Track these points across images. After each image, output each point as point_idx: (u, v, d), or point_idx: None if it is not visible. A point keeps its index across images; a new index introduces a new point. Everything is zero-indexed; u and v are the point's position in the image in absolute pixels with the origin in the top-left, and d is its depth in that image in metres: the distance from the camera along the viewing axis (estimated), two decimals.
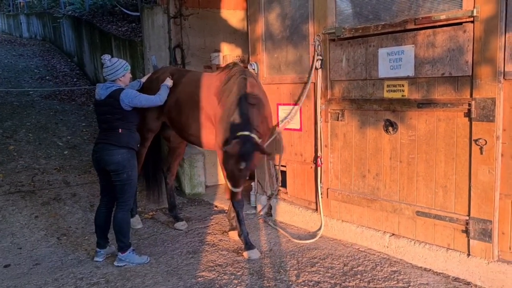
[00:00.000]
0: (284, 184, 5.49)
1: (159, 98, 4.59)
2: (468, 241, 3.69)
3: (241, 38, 7.89)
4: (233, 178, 4.25)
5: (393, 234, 4.26)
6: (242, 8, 7.89)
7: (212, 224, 5.48)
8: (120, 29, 10.08)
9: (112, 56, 4.40)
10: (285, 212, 5.42)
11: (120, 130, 4.25)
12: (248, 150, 4.05)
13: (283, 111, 5.30)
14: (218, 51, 7.72)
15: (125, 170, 4.25)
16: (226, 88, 4.53)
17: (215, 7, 7.71)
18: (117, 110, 4.23)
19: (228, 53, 7.79)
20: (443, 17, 3.61)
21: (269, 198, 5.66)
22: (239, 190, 4.34)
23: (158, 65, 7.46)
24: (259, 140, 4.23)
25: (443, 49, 3.67)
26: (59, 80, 12.61)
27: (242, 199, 4.61)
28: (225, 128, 4.36)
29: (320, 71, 4.70)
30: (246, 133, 4.14)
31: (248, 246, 4.47)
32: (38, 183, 6.55)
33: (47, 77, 12.81)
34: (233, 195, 4.43)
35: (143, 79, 5.29)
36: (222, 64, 7.59)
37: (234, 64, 4.82)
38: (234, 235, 4.92)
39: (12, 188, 6.28)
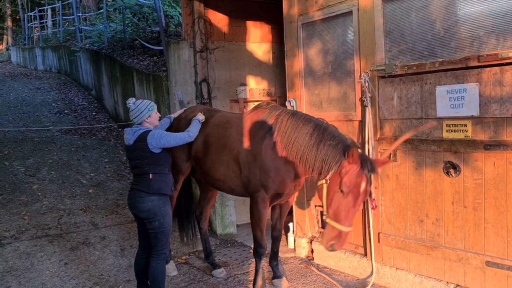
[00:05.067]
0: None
1: (188, 134, 4.28)
2: None
3: (267, 71, 7.75)
4: (346, 211, 3.43)
5: (458, 285, 3.93)
6: (268, 41, 7.78)
7: (251, 270, 5.18)
8: (141, 63, 9.97)
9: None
10: (328, 257, 5.11)
11: (150, 175, 3.98)
12: (374, 168, 3.42)
13: None
14: (244, 84, 7.56)
15: (156, 218, 4.00)
16: (260, 125, 4.24)
17: (240, 40, 7.60)
18: (146, 154, 3.97)
19: (254, 86, 7.63)
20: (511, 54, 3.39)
21: (311, 241, 5.36)
22: (350, 228, 3.50)
23: (184, 100, 7.29)
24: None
25: None
26: (78, 114, 12.49)
27: (266, 246, 4.46)
28: (264, 169, 4.10)
29: (368, 109, 4.47)
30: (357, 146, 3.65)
31: None
32: (65, 225, 6.30)
33: (66, 111, 12.71)
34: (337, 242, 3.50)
35: (174, 115, 5.03)
36: (249, 98, 7.41)
37: (268, 104, 4.52)
38: (278, 283, 4.63)
39: (39, 231, 6.03)
